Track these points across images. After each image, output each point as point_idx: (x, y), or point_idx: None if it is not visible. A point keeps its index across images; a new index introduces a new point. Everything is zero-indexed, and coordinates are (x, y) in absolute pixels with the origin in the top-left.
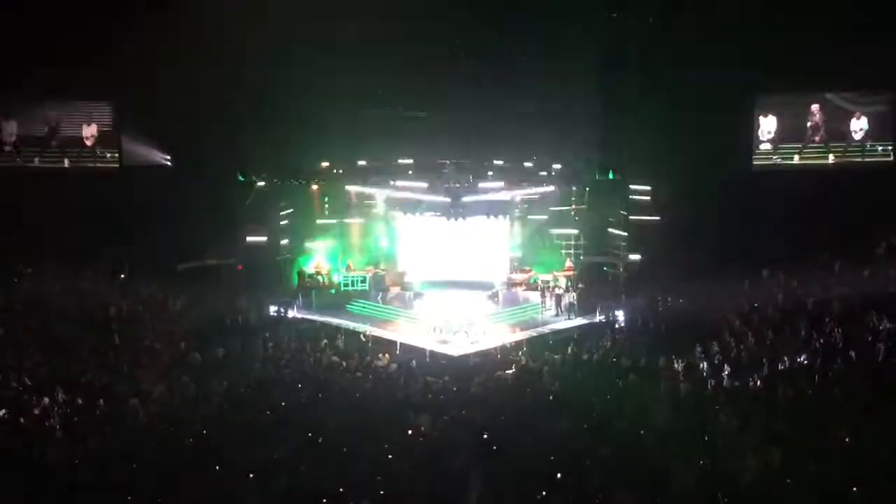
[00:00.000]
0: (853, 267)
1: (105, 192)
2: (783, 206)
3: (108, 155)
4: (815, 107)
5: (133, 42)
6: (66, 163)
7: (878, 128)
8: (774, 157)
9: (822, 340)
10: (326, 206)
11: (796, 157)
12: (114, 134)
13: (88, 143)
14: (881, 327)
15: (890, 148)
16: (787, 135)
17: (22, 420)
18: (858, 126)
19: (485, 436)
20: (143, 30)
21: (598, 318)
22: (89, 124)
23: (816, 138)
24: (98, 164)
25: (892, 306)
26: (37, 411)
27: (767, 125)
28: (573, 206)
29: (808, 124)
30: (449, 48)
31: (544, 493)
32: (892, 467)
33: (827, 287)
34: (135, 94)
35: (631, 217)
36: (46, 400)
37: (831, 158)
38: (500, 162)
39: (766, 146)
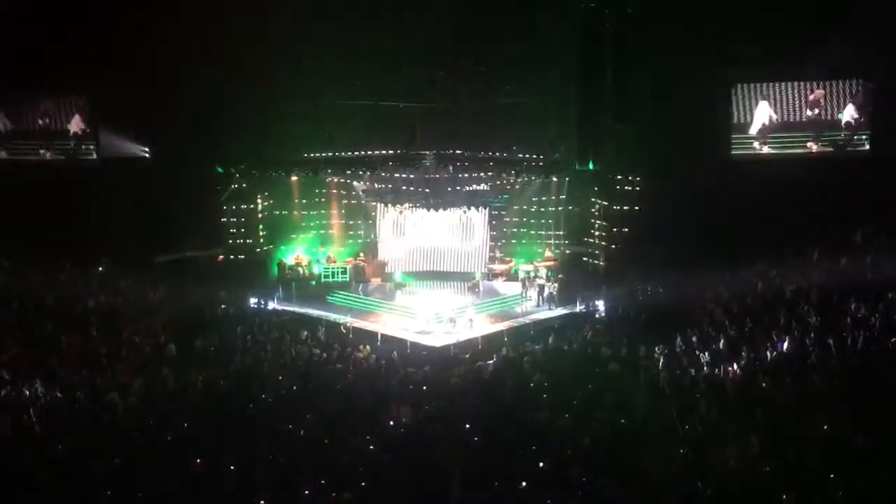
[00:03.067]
0: (831, 256)
1: (83, 185)
2: (762, 194)
3: (86, 147)
4: (794, 95)
5: (111, 36)
6: (45, 155)
7: (852, 118)
8: (754, 145)
9: (800, 329)
10: (306, 197)
11: (774, 147)
12: (91, 127)
13: (67, 135)
14: (859, 315)
15: (864, 137)
16: (777, 125)
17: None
18: (843, 115)
19: (466, 426)
20: (120, 24)
21: (579, 308)
22: (68, 118)
23: (795, 127)
24: (76, 157)
25: (871, 294)
26: (15, 405)
27: (747, 114)
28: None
29: (787, 113)
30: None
31: (525, 482)
32: (870, 454)
33: (806, 276)
34: (112, 87)
35: (610, 207)
36: (25, 394)
37: (811, 147)
38: (480, 153)
39: (746, 135)
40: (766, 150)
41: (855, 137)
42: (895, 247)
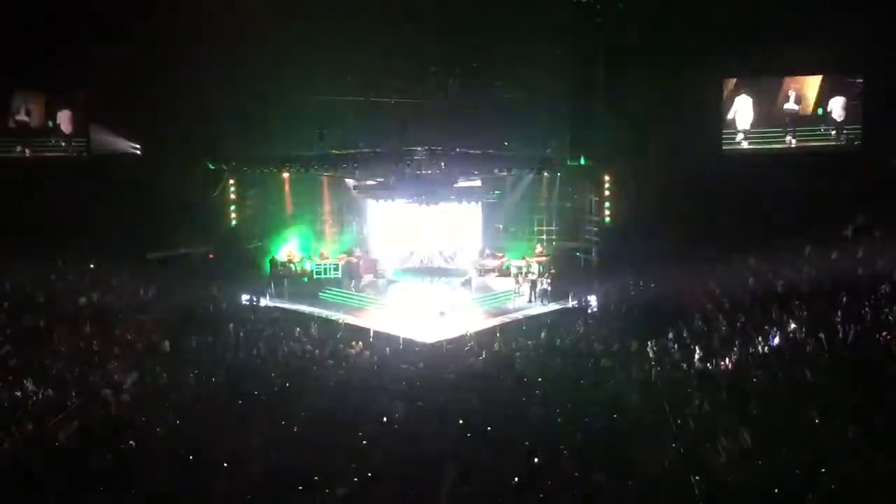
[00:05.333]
0: (823, 250)
1: (74, 182)
2: (753, 189)
3: (77, 143)
4: (785, 91)
5: (102, 33)
6: (35, 152)
7: (843, 112)
8: (744, 141)
9: (792, 323)
10: (297, 193)
11: (764, 142)
12: (82, 123)
13: (58, 132)
14: (850, 309)
15: (845, 132)
16: (758, 119)
17: None
18: (831, 109)
19: (459, 422)
20: (113, 21)
21: (571, 303)
22: (59, 114)
23: (786, 122)
24: (67, 153)
25: (862, 288)
26: (6, 404)
27: (739, 110)
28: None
29: (778, 109)
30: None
31: (518, 478)
32: (861, 448)
33: (797, 270)
34: (104, 83)
35: (602, 202)
36: (17, 392)
37: (793, 142)
38: (472, 149)
39: (737, 131)
40: (748, 145)
41: (844, 131)
42: (886, 241)
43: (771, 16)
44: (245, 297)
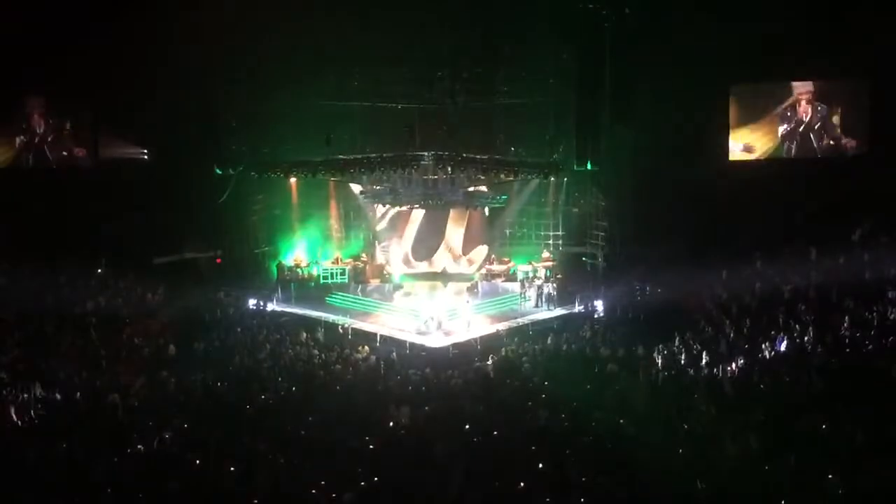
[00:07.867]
0: (829, 255)
1: (81, 187)
2: (760, 194)
3: (85, 149)
4: (791, 97)
5: (109, 37)
6: (43, 158)
7: (849, 118)
8: (751, 147)
9: (799, 328)
10: (304, 198)
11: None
12: (90, 128)
13: (67, 137)
14: (857, 314)
15: (854, 137)
16: (766, 126)
17: None
18: (838, 115)
19: (465, 427)
20: (119, 25)
21: (578, 308)
22: (67, 120)
23: (793, 129)
24: (74, 159)
25: (869, 293)
26: (14, 407)
27: (746, 116)
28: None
29: (785, 115)
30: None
31: (525, 483)
32: (869, 454)
33: (804, 275)
34: (111, 88)
35: (609, 207)
36: (24, 396)
37: (795, 149)
38: (479, 154)
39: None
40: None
41: (853, 138)
42: (893, 246)
43: (777, 23)
44: (252, 302)
